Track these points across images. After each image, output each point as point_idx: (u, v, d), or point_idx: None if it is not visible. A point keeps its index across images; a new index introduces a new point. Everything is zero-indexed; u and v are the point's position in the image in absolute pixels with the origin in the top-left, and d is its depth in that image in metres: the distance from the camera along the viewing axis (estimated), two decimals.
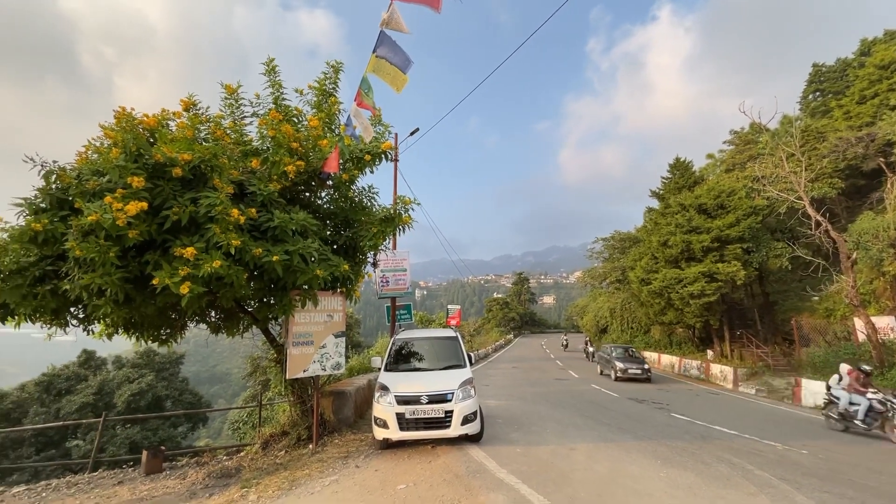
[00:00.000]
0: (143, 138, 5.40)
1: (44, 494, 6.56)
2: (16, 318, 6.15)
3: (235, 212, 5.40)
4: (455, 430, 6.57)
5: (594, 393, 14.69)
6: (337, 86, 8.30)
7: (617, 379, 18.60)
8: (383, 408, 6.63)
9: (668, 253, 23.46)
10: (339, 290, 7.63)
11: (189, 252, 4.98)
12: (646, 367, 18.85)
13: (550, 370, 23.33)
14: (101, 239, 4.75)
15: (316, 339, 7.40)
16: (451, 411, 6.60)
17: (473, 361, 8.26)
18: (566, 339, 42.10)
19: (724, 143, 38.29)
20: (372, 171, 8.09)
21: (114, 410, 18.29)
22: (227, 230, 5.29)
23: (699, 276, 21.35)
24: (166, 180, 5.29)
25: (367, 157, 7.45)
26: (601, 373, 21.13)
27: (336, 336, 7.69)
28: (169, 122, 6.47)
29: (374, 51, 4.85)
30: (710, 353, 24.47)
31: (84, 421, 9.30)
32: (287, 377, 7.18)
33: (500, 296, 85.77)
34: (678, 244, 22.60)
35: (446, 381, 6.96)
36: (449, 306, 24.08)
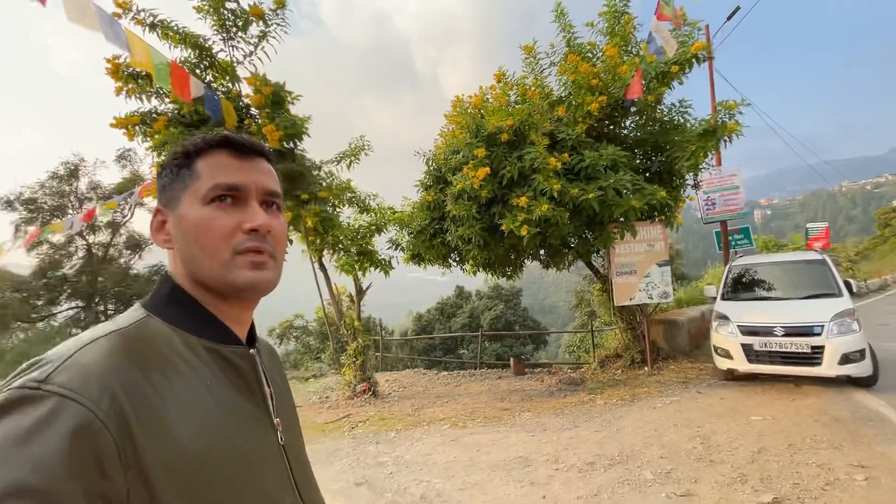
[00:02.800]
0: (476, 116, 6.80)
1: (458, 379, 9.66)
2: (423, 262, 9.12)
3: (552, 160, 6.11)
4: (830, 368, 5.45)
5: None
6: (627, 1, 7.70)
7: None
8: (723, 337, 6.19)
9: None
10: (657, 218, 7.43)
11: (523, 201, 6.05)
12: None
13: None
14: (465, 200, 6.43)
15: (639, 268, 7.53)
16: (822, 347, 5.48)
17: (855, 291, 6.29)
18: None
19: None
20: (681, 83, 7.25)
21: (481, 330, 24.20)
22: (548, 177, 6.08)
23: None
24: (497, 146, 6.52)
25: (674, 69, 6.71)
26: None
27: (660, 265, 7.57)
28: (487, 96, 7.80)
29: None
30: None
31: (468, 334, 13.04)
32: (615, 304, 7.70)
33: None
34: None
35: (811, 311, 5.80)
36: (809, 225, 18.71)
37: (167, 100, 6.50)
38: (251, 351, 0.68)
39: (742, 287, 7.04)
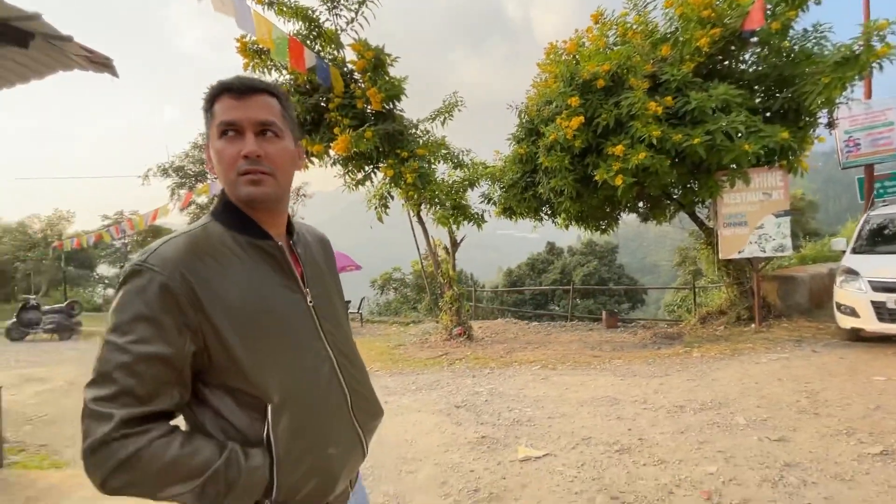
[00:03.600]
0: (570, 64, 6.62)
1: (548, 329, 9.95)
2: (515, 216, 9.31)
3: (652, 104, 5.81)
4: None
5: None
6: None
7: None
8: (849, 294, 5.61)
9: None
10: (777, 163, 6.72)
11: (618, 149, 5.91)
12: None
13: None
14: (558, 151, 6.44)
15: (750, 219, 6.95)
16: None
17: None
18: None
19: None
20: (817, 2, 6.25)
21: (572, 285, 23.91)
22: (646, 124, 5.83)
23: None
24: (593, 93, 6.33)
25: None
26: None
27: (777, 216, 6.91)
28: (583, 40, 7.46)
29: None
30: None
31: (559, 288, 13.15)
32: (720, 258, 7.26)
33: None
34: None
35: None
36: None
37: (285, 72, 7.30)
38: (280, 244, 0.92)
39: (880, 239, 6.20)
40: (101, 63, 4.04)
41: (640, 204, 9.14)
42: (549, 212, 9.18)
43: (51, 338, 11.56)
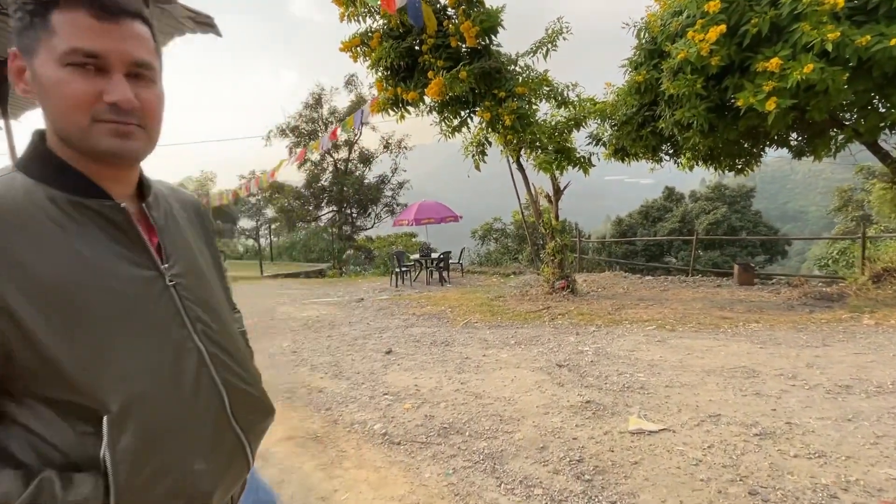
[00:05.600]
0: None
1: (664, 284, 8.93)
2: (628, 158, 8.25)
3: None
4: None
5: None
6: None
7: None
8: None
9: None
10: None
11: (773, 63, 4.66)
12: None
13: None
14: (687, 74, 5.34)
15: None
16: None
17: None
18: None
19: None
20: None
21: (695, 234, 21.27)
22: (818, 24, 4.46)
23: None
24: None
25: None
26: None
27: None
28: None
29: None
30: None
31: (678, 238, 11.60)
32: None
33: None
34: None
35: None
36: None
37: (378, 17, 7.04)
38: (123, 205, 0.68)
39: None
40: (204, 23, 4.16)
41: (795, 135, 7.41)
42: (670, 150, 7.96)
43: None
